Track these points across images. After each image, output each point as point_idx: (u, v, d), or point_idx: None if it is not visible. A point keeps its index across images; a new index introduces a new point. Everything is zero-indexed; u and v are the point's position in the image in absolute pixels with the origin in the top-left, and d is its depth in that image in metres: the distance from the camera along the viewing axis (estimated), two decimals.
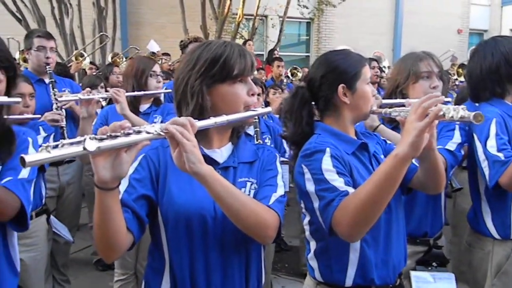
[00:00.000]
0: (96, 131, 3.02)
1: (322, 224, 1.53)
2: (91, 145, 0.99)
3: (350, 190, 1.49)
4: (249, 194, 1.47)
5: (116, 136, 1.06)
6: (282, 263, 4.60)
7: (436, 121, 1.32)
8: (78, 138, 1.00)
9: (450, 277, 2.07)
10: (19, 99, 1.59)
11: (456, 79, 7.54)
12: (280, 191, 1.48)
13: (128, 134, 1.08)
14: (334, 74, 1.70)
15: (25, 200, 1.51)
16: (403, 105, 1.57)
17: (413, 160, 1.68)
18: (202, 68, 1.43)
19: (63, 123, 3.15)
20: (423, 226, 2.23)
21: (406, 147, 1.29)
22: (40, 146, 1.63)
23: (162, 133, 1.15)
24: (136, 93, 2.99)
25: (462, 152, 2.20)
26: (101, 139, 1.03)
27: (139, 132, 1.11)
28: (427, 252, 2.22)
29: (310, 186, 1.55)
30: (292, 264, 4.59)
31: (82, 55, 7.71)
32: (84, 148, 0.98)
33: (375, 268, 1.63)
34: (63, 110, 3.24)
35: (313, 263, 1.75)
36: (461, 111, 1.24)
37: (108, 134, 1.05)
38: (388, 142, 1.89)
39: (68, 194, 3.57)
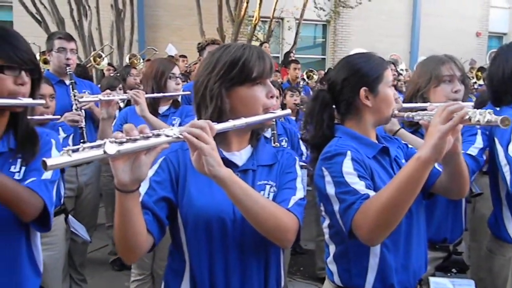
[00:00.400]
0: (116, 132, 3.05)
1: (342, 227, 1.51)
2: (111, 148, 1.00)
3: (371, 193, 1.47)
4: (268, 197, 1.46)
5: (136, 140, 1.07)
6: (297, 267, 4.58)
7: (461, 125, 1.31)
8: (98, 142, 1.01)
9: (470, 284, 2.03)
10: (43, 101, 1.62)
11: (475, 82, 7.45)
12: (299, 194, 1.47)
13: (148, 137, 1.09)
14: (356, 77, 1.69)
15: (48, 201, 1.53)
16: (425, 109, 1.55)
17: (436, 165, 1.67)
18: (221, 71, 1.43)
19: (83, 124, 3.19)
20: (442, 232, 2.19)
21: (429, 150, 1.28)
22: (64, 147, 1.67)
23: (181, 136, 1.16)
24: (155, 94, 3.01)
25: (484, 157, 2.17)
26: (121, 143, 1.04)
27: (158, 135, 1.12)
28: (447, 258, 2.18)
29: (330, 189, 1.53)
30: (307, 268, 4.57)
31: (100, 56, 7.78)
32: (104, 152, 0.99)
33: (395, 273, 1.61)
34: (83, 111, 3.28)
35: (332, 267, 1.74)
36: (488, 115, 1.22)
37: (128, 138, 1.06)
38: (410, 146, 1.87)
39: (86, 194, 3.61)
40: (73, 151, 0.96)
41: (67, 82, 3.50)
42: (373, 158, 1.66)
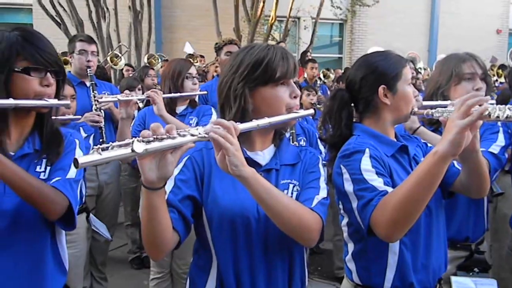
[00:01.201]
0: (134, 132, 3.08)
1: (360, 224, 1.51)
2: (139, 147, 1.03)
3: (389, 190, 1.47)
4: (291, 196, 1.46)
5: (162, 139, 1.09)
6: (315, 266, 4.57)
7: (480, 122, 1.29)
8: (127, 141, 1.04)
9: (492, 284, 2.01)
10: (68, 102, 1.64)
11: (496, 80, 7.33)
12: (323, 193, 1.47)
13: (174, 136, 1.11)
14: (374, 75, 1.68)
15: (73, 199, 1.55)
16: (445, 107, 1.53)
17: (456, 164, 1.65)
18: (245, 71, 1.44)
19: (102, 124, 3.25)
20: (464, 231, 2.17)
21: (446, 145, 1.27)
22: (86, 147, 1.70)
23: (206, 136, 1.18)
24: (172, 94, 3.04)
25: (506, 155, 2.14)
26: (148, 142, 1.06)
27: (184, 135, 1.14)
28: (469, 257, 2.16)
29: (349, 186, 1.53)
30: (325, 267, 4.55)
31: (117, 56, 7.86)
32: (132, 150, 1.02)
33: (414, 272, 1.60)
34: (102, 111, 3.34)
35: (351, 265, 1.73)
36: (508, 111, 1.20)
37: (155, 137, 1.08)
38: (429, 145, 1.85)
39: (107, 193, 3.66)
40: (103, 149, 0.99)
41: (88, 83, 3.56)
42: (392, 157, 1.65)
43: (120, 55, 8.01)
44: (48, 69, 1.51)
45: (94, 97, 3.37)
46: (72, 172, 1.61)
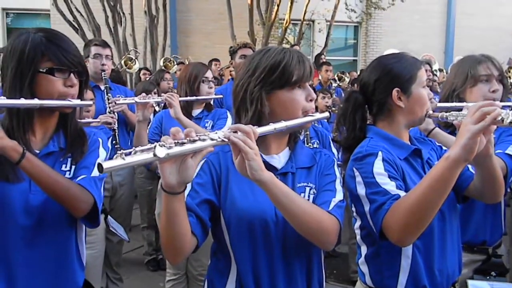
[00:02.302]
0: (151, 135, 3.11)
1: (372, 228, 1.51)
2: (161, 152, 1.05)
3: (402, 193, 1.47)
4: (308, 199, 1.47)
5: (183, 143, 1.11)
6: (331, 270, 4.56)
7: (494, 127, 1.29)
8: (149, 146, 1.06)
9: None
10: (90, 102, 1.67)
11: None
12: (339, 196, 1.48)
13: (194, 140, 1.13)
14: (388, 77, 1.68)
15: (98, 197, 1.59)
16: (460, 109, 1.53)
17: (470, 168, 1.64)
18: (261, 74, 1.45)
19: (115, 126, 3.30)
20: (481, 234, 2.15)
21: (458, 149, 1.27)
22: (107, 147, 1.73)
23: (225, 140, 1.20)
24: (188, 98, 3.07)
25: None
26: (170, 147, 1.08)
27: (204, 139, 1.16)
28: (486, 261, 2.14)
29: (361, 190, 1.54)
30: (340, 271, 4.54)
31: (131, 59, 7.92)
32: (155, 155, 1.04)
33: (427, 276, 1.60)
34: (116, 114, 3.38)
35: (364, 268, 1.74)
36: None
37: (176, 141, 1.10)
38: (444, 148, 1.84)
39: (120, 194, 3.70)
40: (126, 154, 1.01)
41: (102, 87, 3.62)
42: (405, 160, 1.65)
43: (134, 58, 8.07)
44: (71, 70, 1.55)
45: (108, 99, 3.42)
46: (97, 170, 1.64)
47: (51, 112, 1.60)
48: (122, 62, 7.83)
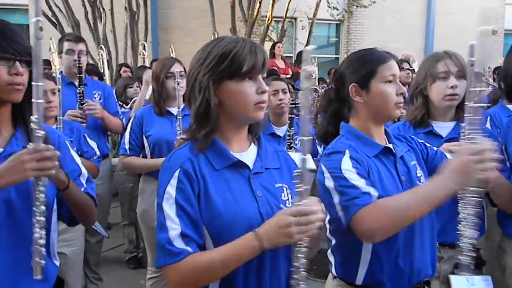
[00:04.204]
0: (133, 139, 3.04)
1: (341, 219, 1.53)
2: None
3: (372, 190, 1.51)
4: (287, 199, 1.45)
5: None
6: (311, 265, 4.57)
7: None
8: None
9: (488, 279, 2.03)
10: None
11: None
12: None
13: None
14: (347, 73, 1.72)
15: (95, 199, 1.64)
16: None
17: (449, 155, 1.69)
18: (211, 63, 1.37)
19: (84, 125, 3.25)
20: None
21: (454, 186, 1.40)
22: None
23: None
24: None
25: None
26: None
27: None
28: None
29: (329, 183, 1.57)
30: (320, 266, 4.55)
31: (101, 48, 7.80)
32: None
33: (386, 272, 1.64)
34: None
35: (331, 259, 1.81)
36: None
37: None
38: (428, 145, 1.87)
39: (97, 193, 3.64)
40: None
41: (77, 84, 3.50)
42: (375, 157, 1.67)
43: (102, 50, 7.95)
44: (17, 58, 1.50)
45: (81, 100, 3.34)
46: (84, 168, 1.68)
47: (1, 105, 1.55)
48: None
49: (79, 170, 1.68)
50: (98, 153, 2.96)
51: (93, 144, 2.94)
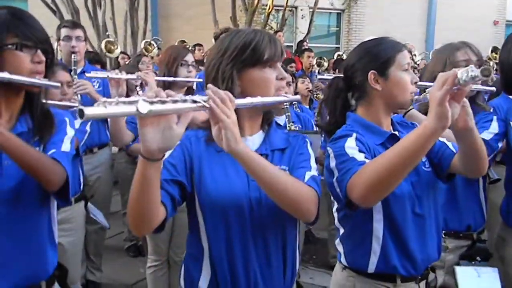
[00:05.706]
0: (130, 125, 3.01)
1: (339, 194, 1.54)
2: (144, 107, 1.00)
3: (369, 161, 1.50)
4: None
5: (165, 101, 1.06)
6: (310, 255, 4.61)
7: (464, 93, 1.32)
8: (133, 98, 1.01)
9: (494, 271, 2.06)
10: (58, 84, 1.62)
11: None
12: (314, 172, 1.48)
13: (176, 101, 1.09)
14: (365, 60, 1.70)
15: (70, 172, 1.56)
16: None
17: (451, 146, 1.67)
18: (233, 53, 1.44)
19: (76, 104, 3.16)
20: (465, 220, 2.21)
21: (432, 119, 1.28)
22: (75, 128, 1.72)
23: (206, 105, 1.16)
24: (165, 78, 2.98)
25: (500, 144, 2.16)
26: (152, 102, 1.03)
27: (185, 100, 1.11)
28: (471, 247, 2.19)
29: (332, 162, 1.58)
30: (320, 256, 4.59)
31: (112, 43, 7.72)
32: (137, 109, 0.99)
33: (398, 258, 1.64)
34: (78, 95, 3.20)
35: (340, 248, 1.80)
36: (471, 72, 1.24)
37: (157, 100, 1.05)
38: None
39: (98, 182, 3.67)
40: (109, 103, 0.96)
41: (79, 70, 3.48)
42: (381, 145, 1.67)
43: (113, 40, 7.87)
44: (38, 46, 1.51)
45: (72, 73, 3.29)
46: (67, 146, 1.62)
47: (18, 92, 1.57)
48: (103, 46, 7.65)
49: (60, 143, 1.63)
50: None
51: None
